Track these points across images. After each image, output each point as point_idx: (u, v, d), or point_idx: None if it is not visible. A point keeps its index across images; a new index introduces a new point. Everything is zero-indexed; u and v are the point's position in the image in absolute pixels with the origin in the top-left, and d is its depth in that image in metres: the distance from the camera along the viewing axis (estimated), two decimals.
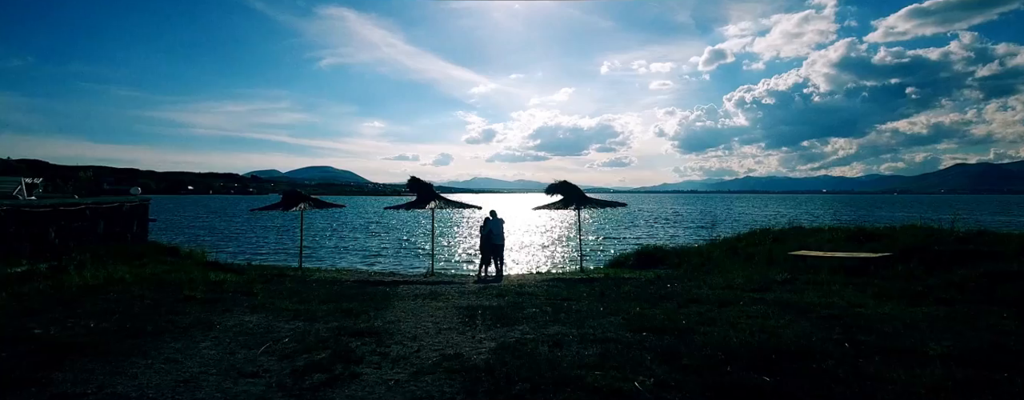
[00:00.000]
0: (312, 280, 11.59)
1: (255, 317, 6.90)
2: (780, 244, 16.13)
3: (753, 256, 14.92)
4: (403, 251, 26.75)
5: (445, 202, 15.16)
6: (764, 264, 13.58)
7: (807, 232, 18.85)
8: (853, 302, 7.72)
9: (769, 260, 13.94)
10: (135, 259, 11.57)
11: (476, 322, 6.71)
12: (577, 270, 15.86)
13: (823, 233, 17.82)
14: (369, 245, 30.31)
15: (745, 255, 15.27)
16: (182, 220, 55.25)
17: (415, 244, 30.07)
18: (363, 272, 15.61)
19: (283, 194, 15.03)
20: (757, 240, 17.72)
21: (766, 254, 14.71)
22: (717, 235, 30.28)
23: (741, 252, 15.71)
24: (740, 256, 15.30)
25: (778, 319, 6.64)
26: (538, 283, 11.88)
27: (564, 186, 15.45)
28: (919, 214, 67.87)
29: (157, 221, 30.67)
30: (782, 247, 15.61)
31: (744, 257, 15.10)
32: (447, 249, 27.90)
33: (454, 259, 23.75)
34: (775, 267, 12.67)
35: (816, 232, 18.34)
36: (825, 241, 15.73)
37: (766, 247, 16.00)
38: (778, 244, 16.11)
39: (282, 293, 8.68)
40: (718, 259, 15.09)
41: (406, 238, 33.06)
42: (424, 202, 14.80)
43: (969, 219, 43.51)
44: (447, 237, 35.43)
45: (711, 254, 15.78)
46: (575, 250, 23.74)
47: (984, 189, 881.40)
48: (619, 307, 7.56)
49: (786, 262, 13.31)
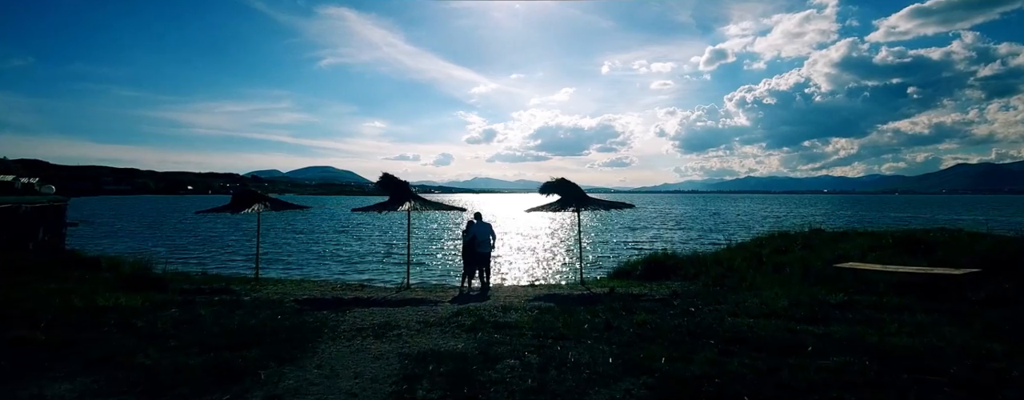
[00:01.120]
0: (248, 299, 9.37)
1: (73, 384, 4.57)
2: (812, 252, 13.91)
3: (783, 266, 12.69)
4: (392, 257, 24.58)
5: (423, 203, 12.92)
6: (800, 278, 11.37)
7: (836, 236, 16.63)
8: (966, 345, 5.45)
9: (805, 273, 11.73)
10: (20, 274, 9.34)
11: (417, 392, 4.42)
12: (576, 282, 13.64)
13: (858, 238, 15.58)
14: (356, 249, 28.12)
15: (772, 265, 13.05)
16: (167, 221, 53.06)
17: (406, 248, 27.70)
18: (328, 284, 13.39)
19: (233, 194, 12.81)
20: (781, 246, 15.53)
21: (799, 265, 12.50)
22: (731, 239, 27.99)
23: (766, 261, 13.48)
24: (766, 266, 13.08)
25: (888, 385, 4.36)
26: (528, 303, 9.67)
27: (561, 185, 13.21)
28: (930, 214, 65.58)
29: (94, 224, 28.13)
30: (816, 256, 13.40)
31: (772, 267, 12.88)
32: (436, 255, 25.67)
33: (443, 266, 21.55)
34: (818, 283, 10.44)
35: (849, 237, 16.12)
36: (864, 248, 13.50)
37: (796, 255, 13.78)
38: (810, 252, 13.89)
39: (167, 331, 6.38)
40: (741, 270, 12.86)
41: (399, 242, 30.53)
42: (398, 203, 12.56)
43: (1006, 220, 40.79)
44: (441, 241, 33.15)
45: (732, 263, 13.54)
46: (574, 257, 21.51)
47: (985, 189, 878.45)
48: (636, 356, 5.28)
49: (827, 275, 11.10)
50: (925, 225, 24.96)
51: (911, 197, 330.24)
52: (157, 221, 51.58)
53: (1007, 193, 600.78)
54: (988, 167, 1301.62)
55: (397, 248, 26.94)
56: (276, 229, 36.28)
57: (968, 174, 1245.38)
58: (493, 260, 13.79)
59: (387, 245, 30.04)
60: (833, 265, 10.83)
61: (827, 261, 12.62)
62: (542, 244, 29.94)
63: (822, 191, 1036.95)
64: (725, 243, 27.26)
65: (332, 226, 47.90)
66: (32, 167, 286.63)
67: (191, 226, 46.77)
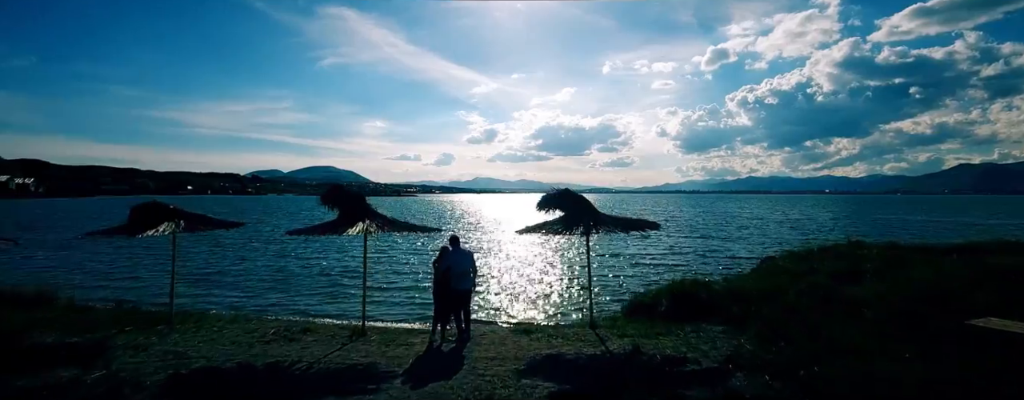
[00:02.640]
0: (100, 375, 6.30)
1: None
2: (892, 284, 10.76)
3: (860, 307, 9.54)
4: (373, 278, 21.00)
5: (382, 223, 9.65)
6: (903, 332, 8.22)
7: (903, 255, 13.50)
8: None
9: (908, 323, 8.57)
10: None
11: None
12: (584, 323, 10.49)
13: (938, 258, 12.48)
14: (319, 264, 22.96)
15: (844, 303, 9.90)
16: None
17: (394, 267, 22.46)
18: (261, 325, 10.25)
19: (132, 209, 9.66)
20: (841, 268, 12.44)
21: (883, 305, 9.36)
22: (760, 250, 24.65)
23: (834, 298, 10.31)
24: (835, 305, 9.93)
25: None
26: (520, 377, 6.61)
27: (565, 198, 10.04)
28: (954, 217, 62.41)
29: (39, 230, 24.79)
30: (897, 288, 10.27)
31: (843, 306, 9.74)
32: (411, 273, 21.11)
33: (419, 286, 17.45)
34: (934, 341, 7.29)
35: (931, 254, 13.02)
36: (967, 281, 10.35)
37: (871, 288, 10.63)
38: (890, 284, 10.75)
39: None
40: (804, 310, 9.70)
41: (384, 261, 24.51)
42: (348, 223, 9.33)
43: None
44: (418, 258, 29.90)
45: (788, 299, 10.37)
46: (579, 286, 17.41)
47: (988, 189, 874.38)
48: None
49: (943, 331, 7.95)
50: (979, 235, 21.57)
51: (914, 197, 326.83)
52: None
53: (1010, 193, 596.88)
54: (991, 167, 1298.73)
55: (384, 266, 23.17)
56: (228, 239, 32.45)
57: (971, 174, 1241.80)
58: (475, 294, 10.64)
59: (371, 262, 25.82)
60: (964, 322, 7.63)
61: (919, 298, 9.52)
62: (540, 263, 23.71)
63: (824, 191, 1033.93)
64: (754, 257, 24.11)
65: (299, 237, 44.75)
66: (32, 167, 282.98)
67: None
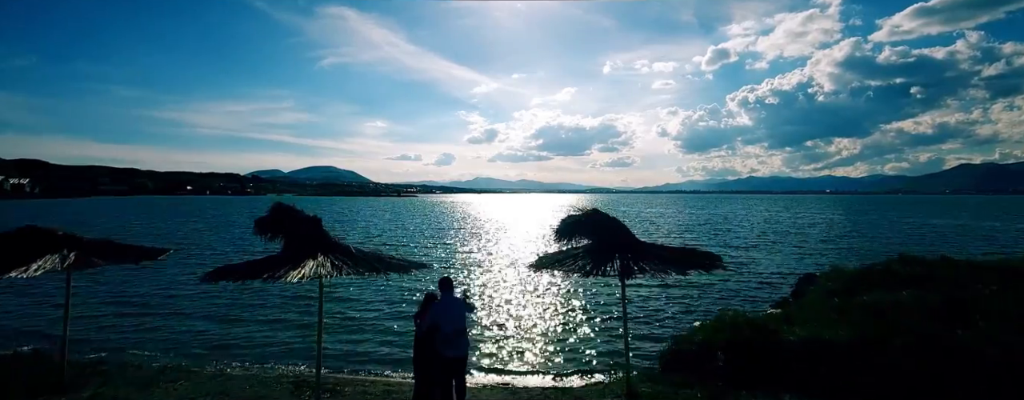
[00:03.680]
0: None
1: None
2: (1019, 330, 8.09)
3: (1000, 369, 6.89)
4: (350, 288, 17.99)
5: (345, 257, 6.37)
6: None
7: (987, 267, 10.80)
8: None
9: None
10: None
11: None
12: (617, 393, 7.84)
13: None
14: (286, 289, 16.13)
15: (969, 357, 7.23)
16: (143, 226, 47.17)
17: (390, 295, 16.82)
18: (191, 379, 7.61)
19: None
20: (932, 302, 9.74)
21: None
22: (794, 264, 21.52)
23: (956, 351, 7.64)
24: (958, 361, 7.28)
25: None
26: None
27: (593, 222, 7.37)
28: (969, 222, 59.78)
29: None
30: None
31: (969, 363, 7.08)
32: (396, 297, 16.39)
33: (402, 323, 13.21)
34: None
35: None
36: None
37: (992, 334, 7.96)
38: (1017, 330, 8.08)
39: None
40: (922, 375, 7.04)
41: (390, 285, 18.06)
42: (293, 262, 5.99)
43: None
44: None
45: (891, 355, 7.72)
46: (609, 334, 12.71)
47: (989, 189, 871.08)
48: None
49: None
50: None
51: (915, 197, 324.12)
52: (113, 229, 45.32)
53: (1011, 193, 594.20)
54: (992, 167, 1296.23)
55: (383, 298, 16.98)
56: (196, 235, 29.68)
57: (972, 174, 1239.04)
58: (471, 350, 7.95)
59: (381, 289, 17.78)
60: None
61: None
62: (556, 293, 17.54)
63: (825, 191, 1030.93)
64: (787, 272, 21.28)
65: None
66: (31, 167, 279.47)
67: (166, 228, 40.56)
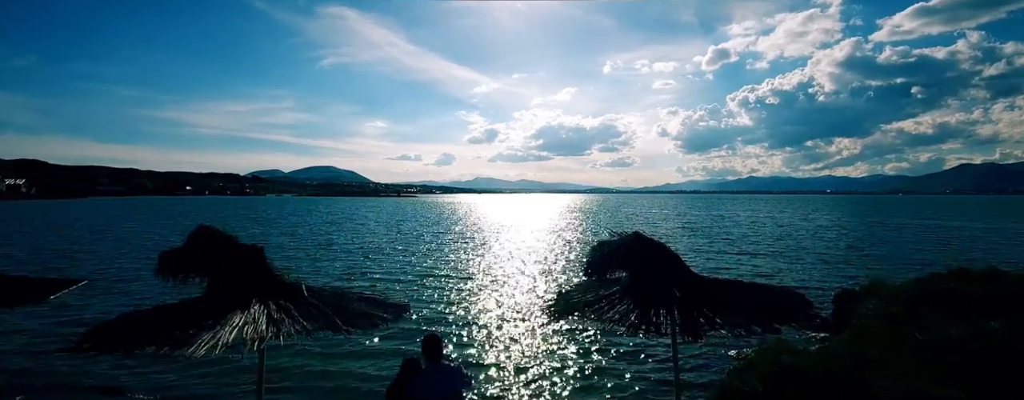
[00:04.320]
0: None
1: None
2: None
3: None
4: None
5: (288, 307, 3.93)
6: None
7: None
8: None
9: None
10: None
11: None
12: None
13: None
14: None
15: None
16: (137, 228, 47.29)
17: None
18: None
19: None
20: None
21: None
22: (819, 277, 19.38)
23: None
24: None
25: None
26: None
27: (634, 253, 4.58)
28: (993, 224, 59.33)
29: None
30: None
31: None
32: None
33: None
34: None
35: None
36: None
37: None
38: None
39: None
40: None
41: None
42: (218, 314, 3.58)
43: None
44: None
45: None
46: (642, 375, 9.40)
47: (989, 189, 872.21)
48: None
49: None
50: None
51: (916, 197, 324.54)
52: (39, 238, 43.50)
53: (1012, 194, 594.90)
54: (992, 167, 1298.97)
55: None
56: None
57: (972, 174, 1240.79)
58: None
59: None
60: None
61: None
62: (578, 330, 11.83)
63: (825, 191, 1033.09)
64: (816, 287, 19.54)
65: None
66: (31, 167, 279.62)
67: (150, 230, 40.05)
